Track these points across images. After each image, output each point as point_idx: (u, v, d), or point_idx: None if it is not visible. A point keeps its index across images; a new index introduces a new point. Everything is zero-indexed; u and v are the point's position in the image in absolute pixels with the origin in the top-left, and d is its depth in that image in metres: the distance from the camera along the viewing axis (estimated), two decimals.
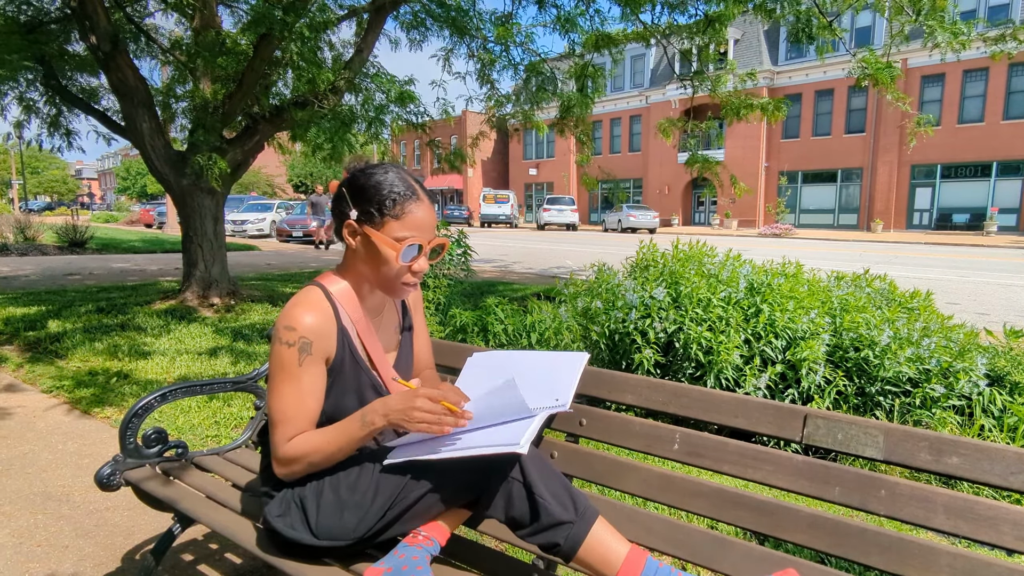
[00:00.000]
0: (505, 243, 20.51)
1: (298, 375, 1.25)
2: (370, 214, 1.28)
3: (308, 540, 1.25)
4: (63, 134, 6.86)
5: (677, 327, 3.37)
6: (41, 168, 67.64)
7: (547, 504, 1.18)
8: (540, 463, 1.24)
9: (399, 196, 1.28)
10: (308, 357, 1.25)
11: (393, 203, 1.27)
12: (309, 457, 1.24)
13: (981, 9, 24.25)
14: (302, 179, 47.20)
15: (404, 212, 1.27)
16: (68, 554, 2.05)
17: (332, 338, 1.30)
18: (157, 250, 15.08)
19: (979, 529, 1.07)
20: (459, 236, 7.32)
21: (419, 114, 6.58)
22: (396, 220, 1.27)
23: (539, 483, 1.20)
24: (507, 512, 1.21)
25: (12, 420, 3.31)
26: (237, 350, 4.61)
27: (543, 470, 1.23)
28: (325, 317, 1.29)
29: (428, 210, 1.31)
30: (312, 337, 1.26)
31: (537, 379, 1.49)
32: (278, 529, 1.27)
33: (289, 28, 4.93)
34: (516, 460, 1.21)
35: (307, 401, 1.26)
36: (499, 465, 1.21)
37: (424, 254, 1.32)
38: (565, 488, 1.22)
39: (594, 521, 1.19)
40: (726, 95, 7.38)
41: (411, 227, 1.28)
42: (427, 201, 1.32)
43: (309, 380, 1.26)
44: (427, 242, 1.31)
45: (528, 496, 1.19)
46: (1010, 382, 3.11)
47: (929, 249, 18.08)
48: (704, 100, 8.43)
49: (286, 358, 1.25)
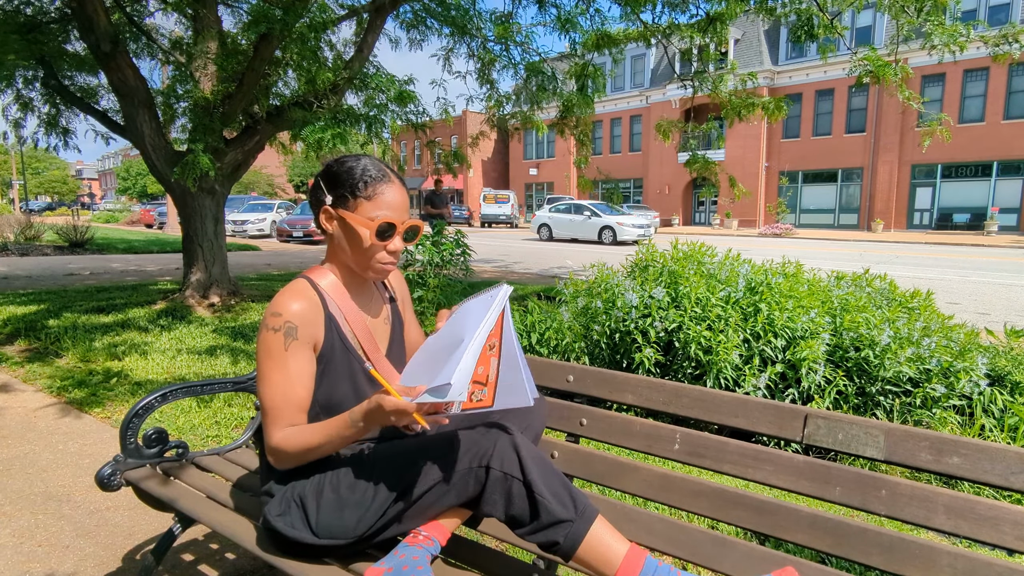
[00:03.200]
0: (505, 243, 20.51)
1: (284, 359, 1.26)
2: (344, 197, 1.32)
3: (309, 539, 1.25)
4: (60, 133, 6.87)
5: (676, 326, 3.37)
6: (42, 168, 67.67)
7: (547, 502, 1.18)
8: (540, 461, 1.23)
9: (371, 179, 1.32)
10: (294, 342, 1.26)
11: (365, 185, 1.31)
12: (299, 454, 1.25)
13: (981, 9, 24.24)
14: (303, 179, 47.23)
15: (376, 193, 1.31)
16: (69, 554, 2.05)
17: (319, 325, 1.31)
18: (157, 250, 15.09)
19: (980, 529, 1.07)
20: (458, 236, 7.32)
21: (419, 114, 6.58)
22: (368, 201, 1.31)
23: (539, 481, 1.19)
24: (507, 510, 1.21)
25: (12, 420, 3.31)
26: (237, 350, 4.61)
27: (543, 468, 1.22)
28: (311, 304, 1.31)
29: (400, 192, 1.34)
30: (297, 322, 1.27)
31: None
32: (278, 528, 1.27)
33: (289, 28, 4.93)
34: (515, 450, 1.21)
35: (295, 387, 1.27)
36: (499, 459, 1.21)
37: (399, 234, 1.34)
38: (565, 486, 1.22)
39: (594, 520, 1.19)
40: (727, 95, 7.38)
41: (383, 206, 1.31)
42: (399, 184, 1.35)
43: (296, 365, 1.27)
44: (400, 222, 1.33)
45: (528, 494, 1.19)
46: (1011, 382, 3.11)
47: (929, 249, 18.08)
48: (704, 100, 8.43)
49: (272, 343, 1.26)
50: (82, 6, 5.36)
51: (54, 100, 6.69)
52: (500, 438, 1.23)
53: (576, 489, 1.24)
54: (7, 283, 8.28)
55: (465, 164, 8.28)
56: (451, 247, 7.17)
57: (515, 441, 1.23)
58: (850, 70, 6.47)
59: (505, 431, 1.25)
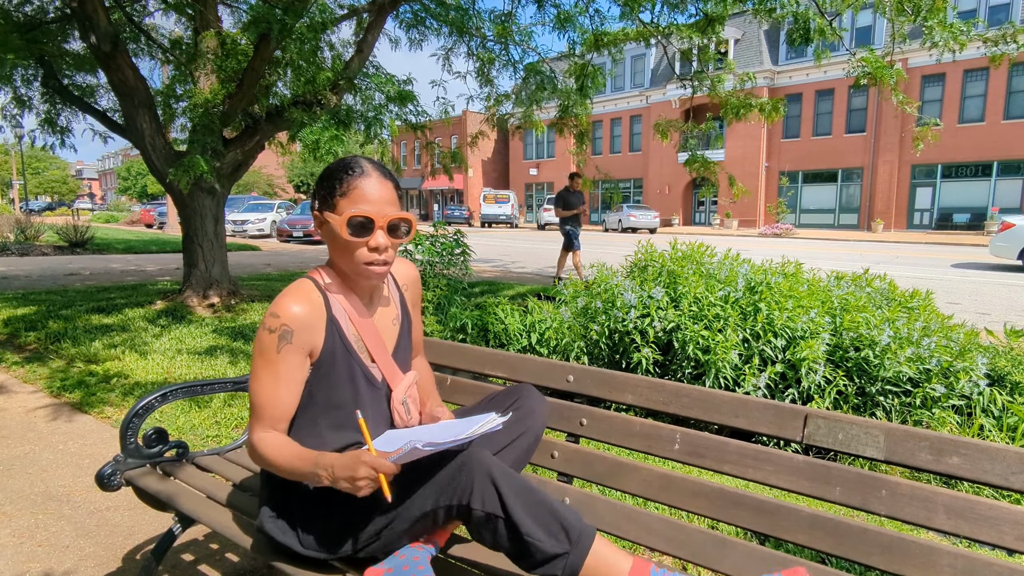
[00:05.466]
0: (505, 243, 20.51)
1: (275, 361, 1.26)
2: (325, 199, 1.30)
3: (296, 548, 1.25)
4: (58, 131, 6.86)
5: (675, 325, 3.37)
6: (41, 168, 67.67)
7: (536, 542, 1.12)
8: (522, 492, 1.16)
9: (347, 175, 1.28)
10: (288, 346, 1.26)
11: (341, 182, 1.28)
12: (266, 462, 1.25)
13: (981, 9, 24.24)
14: (302, 179, 47.23)
15: (351, 188, 1.28)
16: (69, 554, 2.05)
17: (319, 330, 1.30)
18: (157, 250, 15.09)
19: (980, 529, 1.07)
20: (457, 236, 7.32)
21: (418, 114, 6.58)
22: (344, 198, 1.27)
23: (524, 518, 1.13)
24: (497, 546, 1.17)
25: (12, 420, 3.31)
26: (237, 350, 4.61)
27: (526, 499, 1.15)
28: (313, 307, 1.29)
29: (379, 185, 1.29)
30: (295, 326, 1.26)
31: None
32: (269, 532, 1.27)
33: (289, 28, 4.93)
34: (494, 485, 1.15)
35: (281, 391, 1.27)
36: (479, 498, 1.15)
37: (380, 228, 1.28)
38: (554, 515, 1.15)
39: (591, 544, 1.14)
40: (725, 94, 7.39)
41: (358, 201, 1.27)
42: (377, 176, 1.29)
43: (286, 369, 1.26)
44: (379, 216, 1.27)
45: (514, 535, 1.13)
46: (1010, 382, 3.11)
47: (930, 249, 18.07)
48: (704, 100, 8.43)
49: (265, 343, 1.26)
50: (82, 6, 5.36)
51: (53, 99, 6.68)
52: (476, 473, 1.16)
53: (567, 513, 1.16)
54: (7, 283, 8.28)
55: (463, 165, 8.28)
56: (450, 247, 7.16)
57: (493, 474, 1.15)
58: (848, 71, 6.48)
59: (483, 460, 1.17)
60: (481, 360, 1.80)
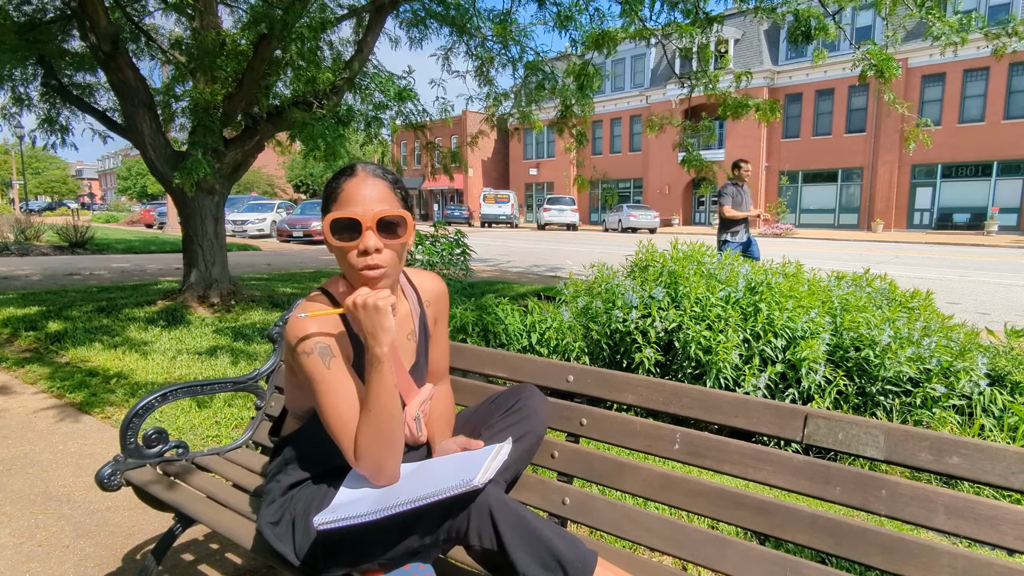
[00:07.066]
0: (506, 243, 20.51)
1: (329, 380, 1.20)
2: (325, 209, 1.27)
3: (290, 557, 1.23)
4: (58, 131, 6.86)
5: (676, 326, 3.37)
6: (41, 168, 67.68)
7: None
8: (520, 527, 1.12)
9: (336, 180, 1.26)
10: (333, 359, 1.21)
11: (332, 189, 1.26)
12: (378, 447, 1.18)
13: (981, 9, 24.24)
14: (302, 179, 47.25)
15: (339, 192, 1.24)
16: (69, 554, 2.05)
17: (344, 338, 1.28)
18: (157, 250, 15.09)
19: (980, 529, 1.07)
20: (457, 236, 7.32)
21: (418, 113, 6.58)
22: (335, 203, 1.24)
23: (522, 556, 1.10)
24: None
25: (13, 420, 3.31)
26: (237, 350, 4.61)
27: (524, 533, 1.12)
28: (330, 318, 1.27)
29: (366, 184, 1.24)
30: (326, 340, 1.22)
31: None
32: (266, 536, 1.26)
33: (289, 28, 4.93)
34: (491, 519, 1.12)
35: (350, 404, 1.20)
36: (475, 534, 1.13)
37: (368, 229, 1.21)
38: (551, 552, 1.11)
39: (591, 572, 1.12)
40: (721, 93, 7.38)
41: (344, 203, 1.23)
42: (364, 176, 1.25)
43: (344, 377, 1.22)
44: (367, 216, 1.21)
45: (511, 571, 1.12)
46: (1011, 382, 3.11)
47: (930, 249, 18.07)
48: (704, 100, 8.43)
49: (312, 368, 1.20)
50: (82, 6, 5.36)
51: (53, 99, 6.68)
52: (474, 508, 1.13)
53: (563, 545, 1.13)
54: (7, 283, 8.27)
55: (463, 165, 8.28)
56: (450, 247, 7.17)
57: (491, 509, 1.13)
58: (853, 65, 6.44)
59: (478, 491, 1.14)
60: (481, 360, 1.80)
